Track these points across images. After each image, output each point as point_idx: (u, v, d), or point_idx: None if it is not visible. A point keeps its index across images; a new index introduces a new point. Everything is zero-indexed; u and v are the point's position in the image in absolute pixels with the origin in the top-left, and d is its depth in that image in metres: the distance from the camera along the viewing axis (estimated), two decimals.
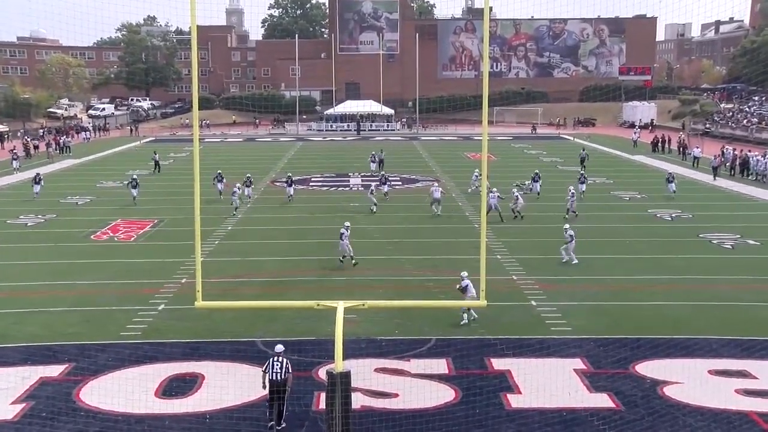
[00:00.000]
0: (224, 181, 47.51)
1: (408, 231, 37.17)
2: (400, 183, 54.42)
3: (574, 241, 30.71)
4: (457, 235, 35.79)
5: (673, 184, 45.79)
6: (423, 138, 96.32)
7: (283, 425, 16.38)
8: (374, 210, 41.69)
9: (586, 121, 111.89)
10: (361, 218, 39.74)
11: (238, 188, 43.49)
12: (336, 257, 30.42)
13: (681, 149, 69.70)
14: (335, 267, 29.92)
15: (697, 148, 63.65)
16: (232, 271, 29.61)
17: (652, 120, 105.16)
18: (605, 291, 26.81)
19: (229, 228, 38.29)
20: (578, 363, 19.73)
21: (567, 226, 32.39)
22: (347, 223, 31.13)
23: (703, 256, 32.18)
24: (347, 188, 52.78)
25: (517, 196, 40.21)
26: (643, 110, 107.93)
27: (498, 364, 19.64)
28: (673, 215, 41.08)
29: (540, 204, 43.76)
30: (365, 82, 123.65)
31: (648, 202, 45.23)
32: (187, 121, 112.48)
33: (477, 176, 47.48)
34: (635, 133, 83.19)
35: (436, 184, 44.37)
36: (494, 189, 40.03)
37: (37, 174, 49.42)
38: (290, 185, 46.51)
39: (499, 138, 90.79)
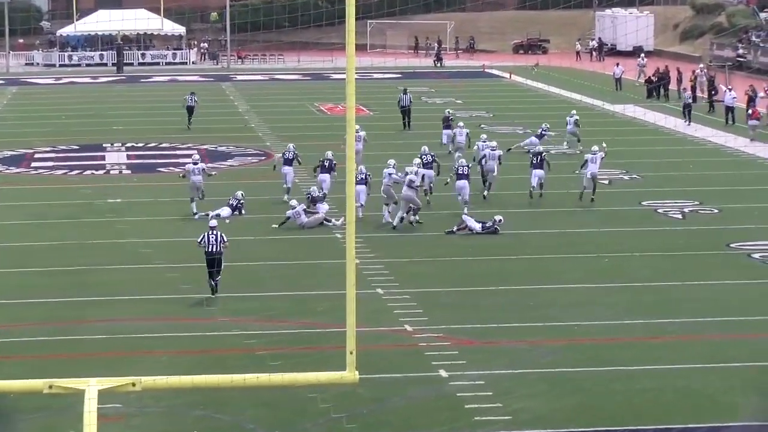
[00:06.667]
0: None
1: None
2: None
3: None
4: (305, 254, 35.72)
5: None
6: (239, 77, 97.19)
7: (217, 294, 29.91)
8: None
9: (531, 44, 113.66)
10: (124, 226, 39.42)
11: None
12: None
13: (695, 91, 70.95)
14: (82, 317, 29.46)
15: (730, 89, 64.40)
16: None
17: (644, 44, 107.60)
18: (571, 348, 27.17)
19: None
20: None
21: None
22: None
23: (740, 281, 32.94)
24: (102, 171, 52.94)
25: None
26: (632, 25, 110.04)
27: None
28: (687, 210, 41.92)
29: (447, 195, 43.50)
30: None
31: (643, 187, 46.08)
32: None
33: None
34: (617, 65, 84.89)
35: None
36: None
37: None
38: None
39: (377, 76, 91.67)
